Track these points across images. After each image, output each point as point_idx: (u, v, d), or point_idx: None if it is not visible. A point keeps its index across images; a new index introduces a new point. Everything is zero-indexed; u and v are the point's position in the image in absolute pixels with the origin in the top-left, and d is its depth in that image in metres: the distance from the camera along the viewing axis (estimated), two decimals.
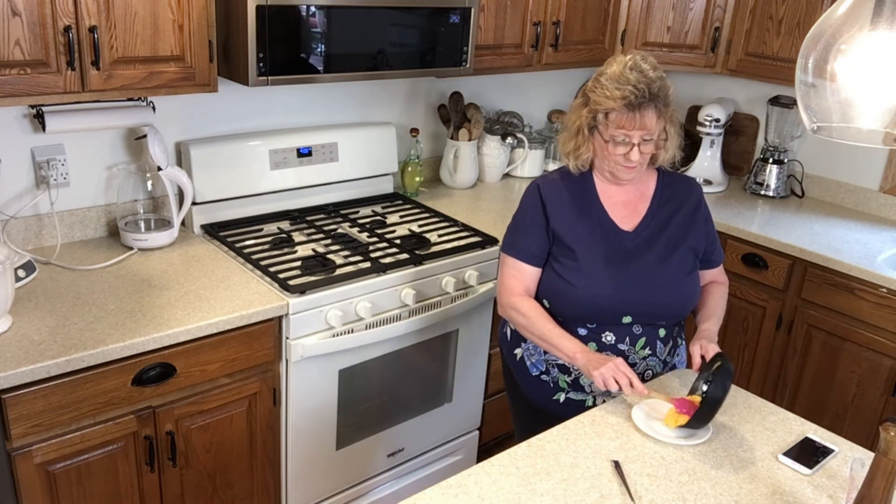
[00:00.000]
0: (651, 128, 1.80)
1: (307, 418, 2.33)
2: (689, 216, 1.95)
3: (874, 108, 1.29)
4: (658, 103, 1.79)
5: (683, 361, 2.06)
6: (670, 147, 1.91)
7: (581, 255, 1.89)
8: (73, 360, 1.79)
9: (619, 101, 1.77)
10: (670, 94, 1.82)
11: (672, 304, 1.92)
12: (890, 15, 1.23)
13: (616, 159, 1.84)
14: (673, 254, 1.91)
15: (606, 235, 1.91)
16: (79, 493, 1.95)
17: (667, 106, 1.81)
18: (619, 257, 1.90)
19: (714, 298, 2.02)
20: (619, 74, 1.78)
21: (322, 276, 2.27)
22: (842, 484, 1.57)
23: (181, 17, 2.08)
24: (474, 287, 2.59)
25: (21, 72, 1.87)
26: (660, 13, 3.23)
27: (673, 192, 1.97)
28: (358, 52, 2.37)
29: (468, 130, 3.16)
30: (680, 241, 1.93)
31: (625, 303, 1.88)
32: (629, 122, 1.78)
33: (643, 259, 1.90)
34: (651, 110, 1.78)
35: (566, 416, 1.77)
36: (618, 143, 1.81)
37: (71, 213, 2.38)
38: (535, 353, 2.01)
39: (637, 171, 1.89)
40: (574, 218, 1.92)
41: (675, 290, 1.91)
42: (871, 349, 2.70)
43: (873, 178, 3.22)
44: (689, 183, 2.02)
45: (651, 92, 1.76)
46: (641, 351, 1.93)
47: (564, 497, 1.49)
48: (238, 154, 2.57)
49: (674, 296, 1.91)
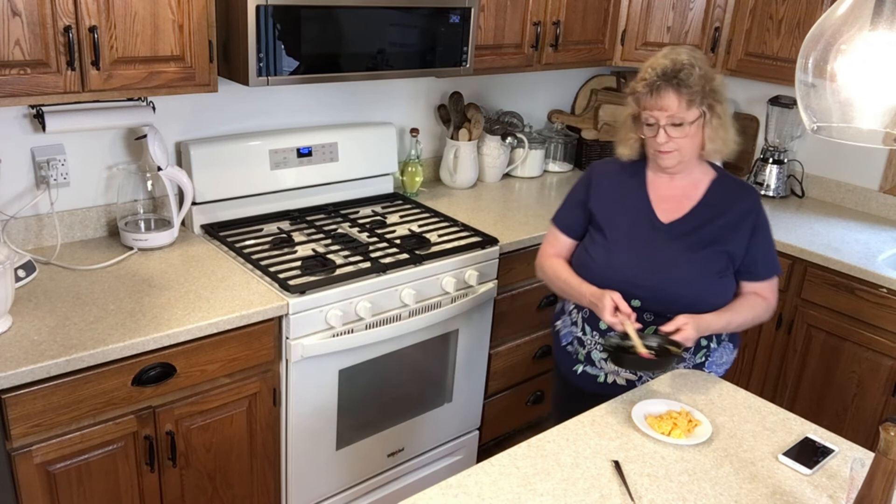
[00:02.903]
0: (671, 109, 1.84)
1: (307, 418, 2.33)
2: (734, 222, 1.94)
3: (874, 108, 1.29)
4: (681, 87, 1.83)
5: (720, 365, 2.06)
6: (716, 138, 1.91)
7: (609, 235, 1.98)
8: (73, 360, 1.79)
9: (641, 83, 1.87)
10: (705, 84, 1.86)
11: (685, 297, 1.92)
12: (890, 15, 1.23)
13: (650, 143, 1.92)
14: (701, 250, 1.92)
15: (641, 223, 1.97)
16: (79, 493, 1.95)
17: (692, 89, 1.83)
18: (644, 243, 1.95)
19: (741, 301, 1.97)
20: (653, 61, 1.88)
21: (322, 276, 2.27)
22: (842, 484, 1.57)
23: (181, 17, 2.08)
24: (474, 287, 2.59)
25: (21, 72, 1.87)
26: (660, 13, 3.23)
27: (724, 196, 1.96)
28: (358, 52, 2.37)
29: (468, 130, 3.16)
30: (715, 241, 1.93)
31: (632, 285, 1.92)
32: (650, 102, 1.86)
33: (667, 248, 1.93)
34: (670, 92, 1.83)
35: (583, 389, 2.04)
36: (649, 125, 1.88)
37: (71, 213, 2.38)
38: (566, 326, 2.15)
39: (675, 158, 1.90)
40: (614, 201, 2.01)
41: (691, 285, 1.92)
42: (871, 349, 2.70)
43: (873, 178, 3.22)
44: (745, 190, 1.98)
45: (672, 74, 1.83)
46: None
47: (564, 497, 1.49)
48: (238, 154, 2.57)
49: (689, 290, 1.92)
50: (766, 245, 1.98)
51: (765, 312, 2.01)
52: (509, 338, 2.88)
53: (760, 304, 1.99)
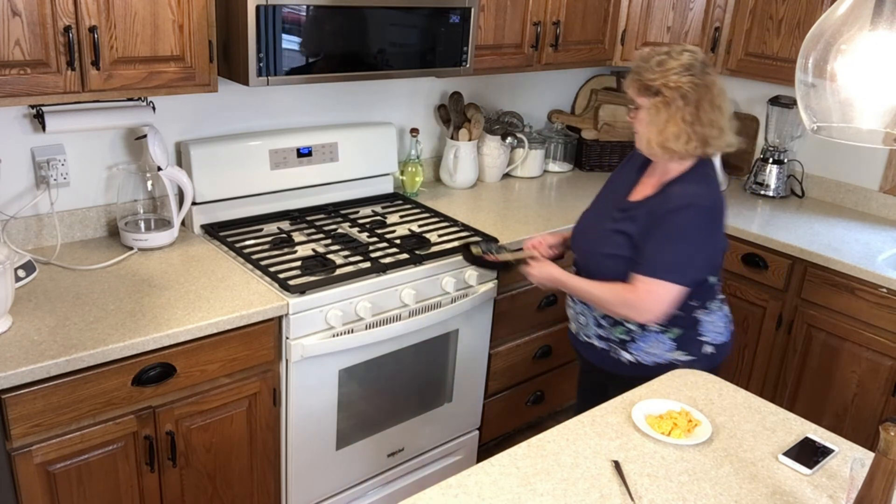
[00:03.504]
0: (631, 96, 2.02)
1: (307, 418, 2.33)
2: (654, 217, 1.97)
3: (874, 108, 1.29)
4: (641, 79, 1.97)
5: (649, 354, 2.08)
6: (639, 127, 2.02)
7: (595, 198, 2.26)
8: (73, 360, 1.79)
9: None
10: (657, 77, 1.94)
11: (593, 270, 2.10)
12: (890, 15, 1.23)
13: None
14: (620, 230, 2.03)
15: (614, 195, 2.15)
16: (79, 493, 1.95)
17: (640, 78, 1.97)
18: (595, 213, 2.19)
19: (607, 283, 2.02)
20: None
21: (322, 276, 2.27)
22: (842, 484, 1.57)
23: (181, 17, 2.08)
24: (474, 287, 2.59)
25: (21, 72, 1.87)
26: (660, 13, 3.23)
27: (667, 192, 2.01)
28: (358, 52, 2.37)
29: (468, 130, 3.16)
30: (633, 228, 2.00)
31: (573, 241, 2.23)
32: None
33: (605, 218, 2.11)
34: (631, 81, 2.00)
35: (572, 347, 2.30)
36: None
37: (71, 213, 2.38)
38: None
39: (637, 139, 2.05)
40: (619, 177, 2.20)
41: (597, 256, 2.09)
42: (871, 349, 2.70)
43: (873, 178, 3.22)
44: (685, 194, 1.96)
45: (638, 65, 1.98)
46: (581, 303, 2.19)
47: (564, 497, 1.49)
48: (238, 154, 2.57)
49: (590, 261, 2.12)
50: (661, 245, 1.95)
51: (624, 302, 1.98)
52: (509, 338, 2.88)
53: (623, 292, 1.98)
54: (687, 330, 2.06)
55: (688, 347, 2.07)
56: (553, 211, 3.04)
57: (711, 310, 2.09)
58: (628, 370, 2.10)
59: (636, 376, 2.02)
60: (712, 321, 2.09)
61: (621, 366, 2.11)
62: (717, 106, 1.97)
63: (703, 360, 2.09)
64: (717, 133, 1.98)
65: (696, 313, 2.05)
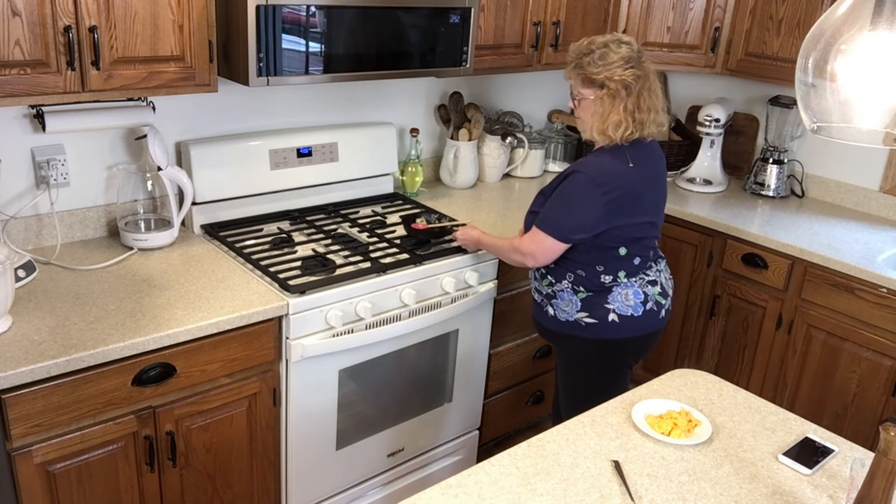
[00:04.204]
0: (574, 87, 2.18)
1: (307, 418, 2.33)
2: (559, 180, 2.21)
3: (874, 108, 1.29)
4: (585, 73, 2.12)
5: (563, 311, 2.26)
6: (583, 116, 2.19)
7: None
8: (73, 360, 1.79)
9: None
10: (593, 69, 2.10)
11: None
12: (890, 15, 1.23)
13: None
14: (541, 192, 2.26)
15: None
16: (79, 494, 1.95)
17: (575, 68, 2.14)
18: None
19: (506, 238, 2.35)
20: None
21: (322, 276, 2.27)
22: (842, 484, 1.57)
23: (181, 17, 2.08)
24: (474, 287, 2.59)
25: (21, 72, 1.87)
26: (660, 13, 3.23)
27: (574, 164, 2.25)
28: (358, 53, 2.37)
29: (468, 130, 3.16)
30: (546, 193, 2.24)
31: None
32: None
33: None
34: (574, 73, 2.16)
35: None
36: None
37: (71, 213, 2.38)
38: None
39: (580, 125, 2.24)
40: None
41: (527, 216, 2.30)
42: (871, 349, 2.70)
43: (873, 178, 3.22)
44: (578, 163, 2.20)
45: (580, 58, 2.13)
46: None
47: (564, 497, 1.49)
48: (238, 154, 2.57)
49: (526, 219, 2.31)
50: (552, 204, 2.18)
51: (513, 248, 2.28)
52: (509, 338, 2.88)
53: (515, 240, 2.30)
54: (595, 294, 2.22)
55: (592, 310, 2.22)
56: None
57: (625, 283, 2.22)
58: (551, 324, 2.31)
59: (555, 332, 2.30)
60: (624, 293, 2.22)
61: (546, 319, 2.32)
62: (653, 91, 2.15)
63: (606, 327, 2.23)
64: (654, 115, 2.16)
65: (603, 279, 2.20)
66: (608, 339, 2.23)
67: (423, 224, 2.61)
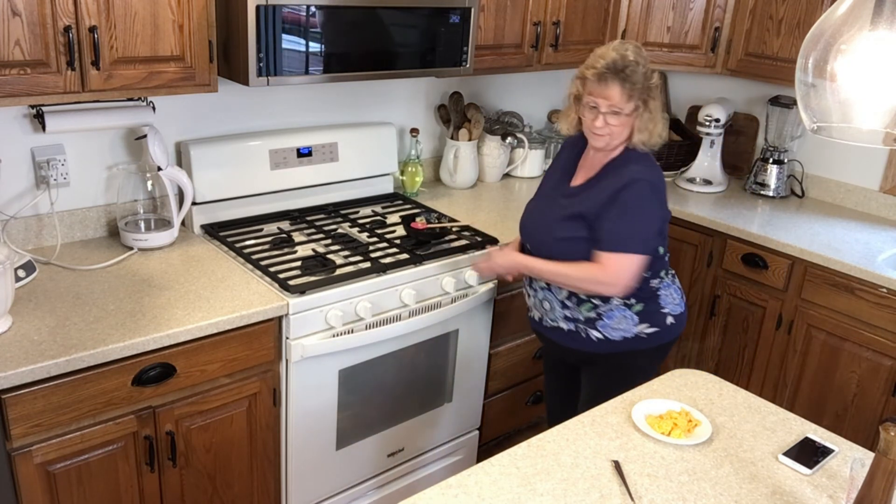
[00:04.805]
0: (614, 100, 2.02)
1: (307, 418, 2.33)
2: (607, 196, 2.07)
3: (874, 108, 1.29)
4: (625, 82, 2.01)
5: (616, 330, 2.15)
6: (644, 129, 2.08)
7: (538, 188, 2.35)
8: (73, 360, 1.79)
9: (592, 71, 2.04)
10: (645, 80, 2.04)
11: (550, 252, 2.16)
12: (890, 15, 1.23)
13: (587, 123, 2.10)
14: (572, 213, 2.12)
15: (557, 183, 2.25)
16: (79, 494, 1.95)
17: (634, 85, 2.01)
18: (544, 199, 2.27)
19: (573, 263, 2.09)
20: (604, 51, 2.06)
21: (322, 276, 2.27)
22: (842, 484, 1.57)
23: (181, 17, 2.08)
24: (474, 287, 2.59)
25: (21, 72, 1.87)
26: (660, 13, 3.23)
27: (615, 172, 2.11)
28: (358, 52, 2.37)
29: (468, 130, 3.16)
30: (586, 208, 2.10)
31: (523, 232, 2.30)
32: (596, 90, 2.04)
33: (553, 205, 2.20)
34: (616, 84, 2.01)
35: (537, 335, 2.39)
36: (591, 108, 2.07)
37: (71, 213, 2.38)
38: None
39: (605, 142, 2.09)
40: (558, 165, 2.30)
41: (551, 241, 2.16)
42: (871, 349, 2.70)
43: (873, 178, 3.22)
44: (630, 171, 2.08)
45: (619, 69, 2.00)
46: (539, 280, 2.24)
47: (564, 497, 1.49)
48: (238, 154, 2.57)
49: (550, 245, 2.17)
50: (620, 221, 2.05)
51: (594, 279, 2.07)
52: (509, 338, 2.88)
53: (591, 269, 2.07)
54: (648, 303, 2.16)
55: (651, 319, 2.16)
56: None
57: (666, 282, 2.20)
58: (597, 347, 2.18)
59: (605, 353, 2.18)
60: (669, 294, 2.20)
61: (590, 343, 2.19)
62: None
63: (666, 331, 2.20)
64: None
65: (652, 284, 2.16)
66: (666, 342, 2.21)
67: (423, 224, 2.61)
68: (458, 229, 2.65)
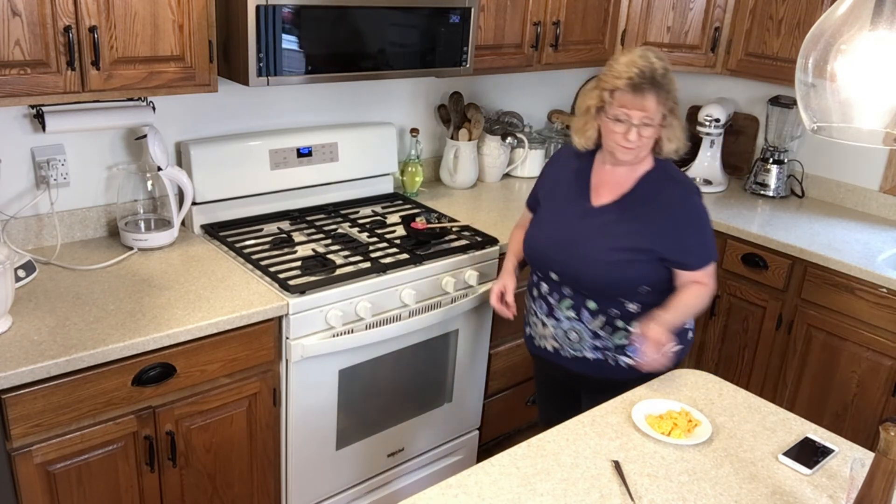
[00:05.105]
0: (650, 111, 1.91)
1: (307, 418, 2.33)
2: (658, 213, 1.99)
3: (874, 108, 1.29)
4: (660, 91, 1.91)
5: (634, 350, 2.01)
6: (674, 138, 2.00)
7: (544, 211, 2.16)
8: (73, 360, 1.79)
9: (625, 81, 1.91)
10: (674, 87, 1.95)
11: (597, 280, 2.02)
12: (890, 15, 1.23)
13: (616, 138, 1.96)
14: (619, 236, 2.00)
15: (572, 203, 2.10)
16: (79, 493, 1.95)
17: (668, 94, 1.93)
18: (567, 221, 2.08)
19: (684, 294, 2.02)
20: (630, 60, 1.93)
21: (322, 276, 2.27)
22: (842, 484, 1.57)
23: (181, 17, 2.08)
24: (474, 287, 2.59)
25: (21, 72, 1.87)
26: (660, 13, 3.23)
27: (651, 187, 2.02)
28: (358, 52, 2.37)
29: (468, 130, 3.16)
30: (635, 230, 1.99)
31: (549, 259, 2.08)
32: (630, 101, 1.91)
33: (585, 228, 2.04)
34: (652, 94, 1.90)
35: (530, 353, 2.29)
36: (619, 121, 1.94)
37: (71, 213, 2.38)
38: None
39: (634, 154, 1.98)
40: (559, 181, 2.15)
41: (600, 268, 2.00)
42: (871, 349, 2.70)
43: (873, 178, 3.22)
44: (675, 183, 2.03)
45: (654, 78, 1.90)
46: (567, 311, 2.10)
47: (564, 497, 1.49)
48: (238, 154, 2.57)
49: (597, 272, 2.01)
50: (698, 235, 2.02)
51: (707, 299, 2.05)
52: (509, 338, 2.88)
53: (702, 292, 2.03)
54: None
55: (679, 336, 2.09)
56: None
57: None
58: (626, 374, 2.08)
59: (634, 378, 2.03)
60: None
61: (619, 371, 2.09)
62: None
63: (687, 346, 2.17)
64: None
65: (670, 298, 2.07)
66: (685, 355, 2.17)
67: (423, 224, 2.60)
68: (458, 229, 2.65)
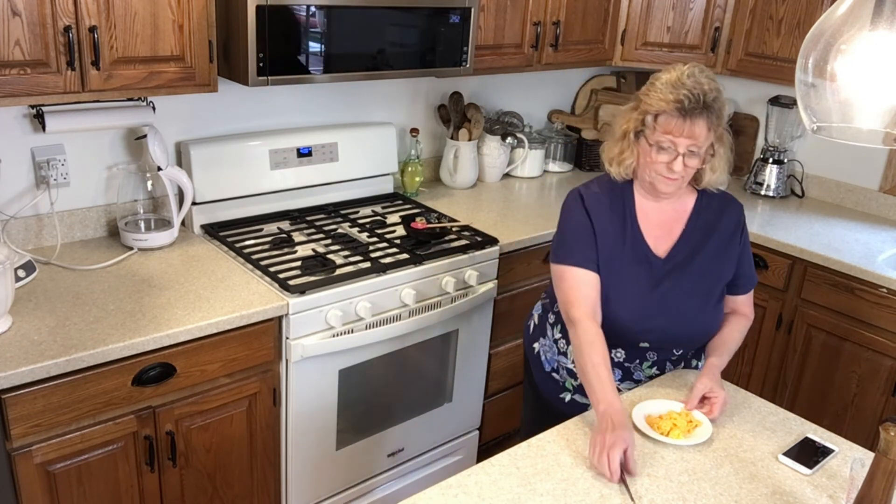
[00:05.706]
0: (699, 139, 1.72)
1: (307, 418, 2.33)
2: (725, 240, 1.88)
3: (874, 108, 1.29)
4: (711, 115, 1.72)
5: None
6: (718, 168, 1.83)
7: (609, 278, 1.84)
8: (73, 360, 1.79)
9: (672, 104, 1.71)
10: (724, 112, 1.77)
11: (693, 335, 1.91)
12: (890, 15, 1.23)
13: (658, 168, 1.77)
14: (702, 284, 1.86)
15: (639, 259, 1.85)
16: (79, 493, 1.95)
17: (719, 120, 1.75)
18: (648, 284, 1.84)
19: (731, 331, 1.90)
20: (676, 79, 1.73)
21: (322, 276, 2.27)
22: (842, 484, 1.57)
23: (181, 17, 2.08)
24: (474, 287, 2.59)
25: (21, 72, 1.87)
26: (660, 13, 3.23)
27: (711, 214, 1.89)
28: (358, 52, 2.37)
29: (468, 130, 3.16)
30: (710, 269, 1.87)
31: (645, 331, 1.86)
32: (678, 127, 1.72)
33: (671, 289, 1.84)
34: (702, 120, 1.71)
35: (570, 415, 1.77)
36: (662, 149, 1.75)
37: (71, 213, 2.38)
38: (550, 351, 2.07)
39: (677, 185, 1.80)
40: (613, 234, 1.86)
41: (698, 323, 1.88)
42: (871, 349, 2.70)
43: (873, 178, 3.22)
44: (729, 203, 1.91)
45: (705, 101, 1.71)
46: (648, 370, 1.95)
47: (564, 497, 1.49)
48: (238, 154, 2.57)
49: (696, 328, 1.89)
50: (749, 257, 1.94)
51: (747, 329, 1.96)
52: (509, 338, 2.88)
53: (746, 327, 1.94)
54: None
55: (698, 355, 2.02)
56: (553, 211, 3.04)
57: None
58: None
59: None
60: None
61: None
62: None
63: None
64: None
65: None
66: None
67: (423, 224, 2.60)
68: (458, 229, 2.64)
